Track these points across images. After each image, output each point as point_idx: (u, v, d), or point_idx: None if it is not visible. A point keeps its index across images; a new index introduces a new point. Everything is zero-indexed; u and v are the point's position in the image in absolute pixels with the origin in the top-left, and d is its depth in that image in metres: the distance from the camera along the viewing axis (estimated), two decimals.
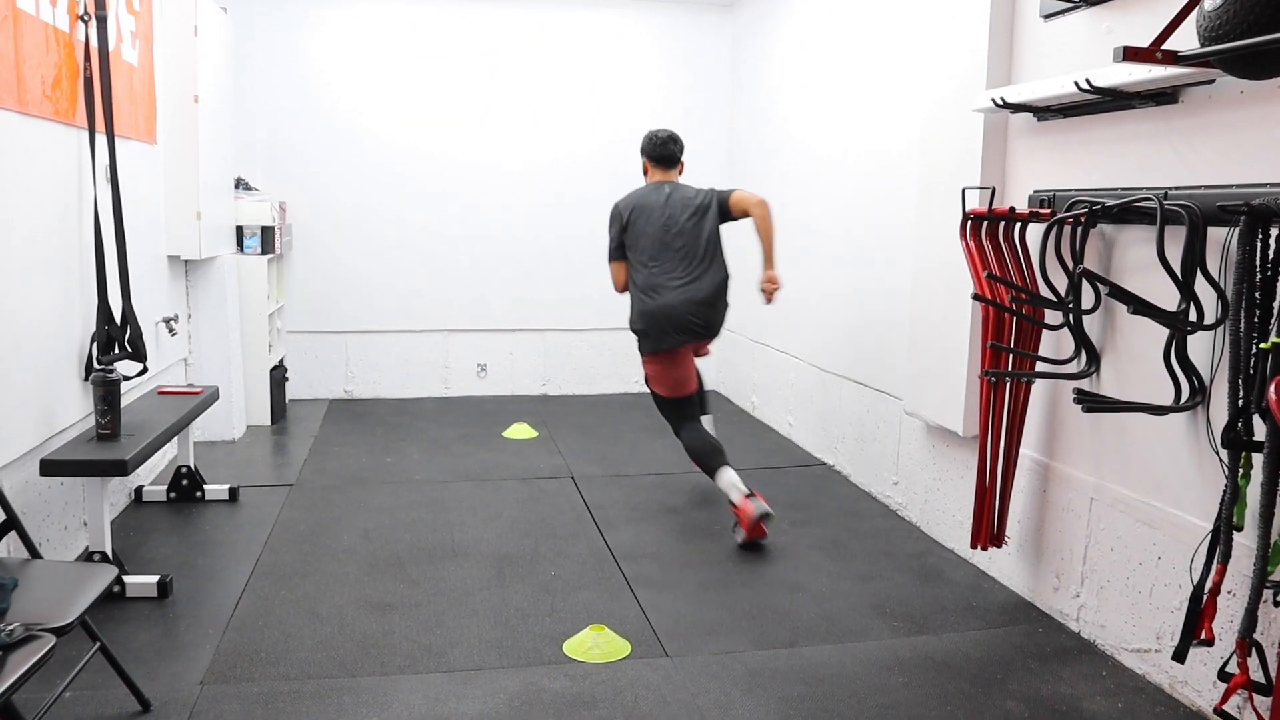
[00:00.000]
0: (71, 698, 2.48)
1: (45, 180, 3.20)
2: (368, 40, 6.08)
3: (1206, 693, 2.54)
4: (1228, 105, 2.44)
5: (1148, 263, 2.63)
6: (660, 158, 4.23)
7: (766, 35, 5.84)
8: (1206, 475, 2.53)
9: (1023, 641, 2.99)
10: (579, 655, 2.83)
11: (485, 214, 6.35)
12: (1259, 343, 2.19)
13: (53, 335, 3.26)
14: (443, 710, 2.51)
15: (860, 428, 4.57)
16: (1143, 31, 2.59)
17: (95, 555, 3.08)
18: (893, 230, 4.20)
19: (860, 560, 3.63)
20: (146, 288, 4.11)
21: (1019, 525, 3.32)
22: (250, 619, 3.02)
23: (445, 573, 3.43)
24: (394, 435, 5.40)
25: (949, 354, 3.55)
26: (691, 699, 2.60)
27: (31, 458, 3.06)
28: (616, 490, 4.45)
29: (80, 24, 3.36)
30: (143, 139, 4.16)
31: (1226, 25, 2.03)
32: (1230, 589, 2.41)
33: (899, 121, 4.15)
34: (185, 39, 4.46)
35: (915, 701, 2.61)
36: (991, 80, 3.29)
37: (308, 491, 4.34)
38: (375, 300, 6.26)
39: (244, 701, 2.52)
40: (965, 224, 3.20)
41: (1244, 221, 2.20)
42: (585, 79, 6.37)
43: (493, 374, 6.51)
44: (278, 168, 6.00)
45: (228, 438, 5.12)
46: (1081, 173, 2.99)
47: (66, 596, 2.15)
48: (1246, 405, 2.23)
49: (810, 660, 2.84)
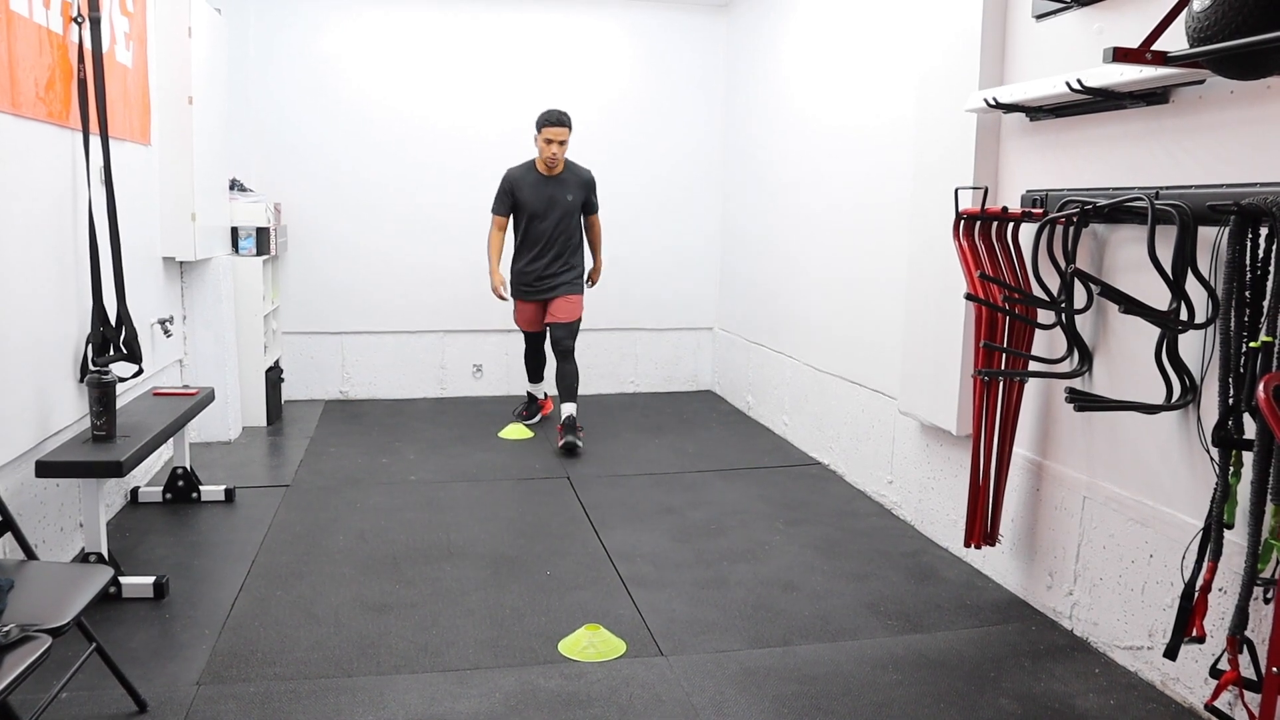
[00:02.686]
0: (68, 698, 2.48)
1: (39, 182, 3.20)
2: (365, 41, 6.08)
3: (1198, 689, 2.55)
4: (1218, 105, 2.46)
5: (1139, 262, 2.65)
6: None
7: (760, 36, 5.85)
8: (1198, 473, 2.55)
9: (1016, 639, 3.00)
10: (574, 654, 2.84)
11: (481, 215, 6.31)
12: (1249, 341, 2.21)
13: (48, 337, 3.26)
14: (438, 709, 2.52)
15: (855, 427, 4.58)
16: (1133, 32, 2.61)
17: (91, 556, 3.09)
18: (886, 230, 4.22)
19: (855, 559, 3.65)
20: (141, 289, 4.11)
21: (1012, 524, 3.33)
22: (246, 619, 3.02)
23: (441, 573, 3.44)
24: (390, 436, 5.40)
25: (942, 353, 3.56)
26: (686, 697, 2.61)
27: (27, 459, 3.06)
28: (612, 490, 4.45)
29: (74, 26, 3.36)
30: (137, 140, 4.16)
31: (1215, 26, 2.04)
32: (1221, 586, 2.43)
33: (892, 122, 4.16)
34: (179, 40, 4.46)
35: (909, 699, 2.62)
36: (984, 80, 3.31)
37: (304, 492, 4.35)
38: (371, 301, 6.26)
39: (240, 702, 2.53)
40: (958, 224, 3.21)
41: (1234, 221, 2.22)
42: (582, 81, 6.36)
43: (488, 374, 6.51)
44: (273, 169, 6.00)
45: (223, 439, 5.12)
46: (1074, 172, 3.00)
47: (62, 597, 2.15)
48: (1237, 404, 2.24)
49: (805, 659, 2.85)
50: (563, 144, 5.08)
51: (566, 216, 5.24)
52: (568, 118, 5.10)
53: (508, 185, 5.24)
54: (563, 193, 5.21)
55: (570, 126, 5.09)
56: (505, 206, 5.27)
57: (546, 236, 5.22)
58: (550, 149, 5.06)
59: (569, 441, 5.00)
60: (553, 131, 5.05)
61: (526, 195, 5.19)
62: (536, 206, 5.19)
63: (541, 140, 5.08)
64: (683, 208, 6.62)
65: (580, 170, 5.32)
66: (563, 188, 5.22)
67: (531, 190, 5.19)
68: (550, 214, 5.21)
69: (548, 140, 5.06)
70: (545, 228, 5.22)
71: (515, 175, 5.25)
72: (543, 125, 5.07)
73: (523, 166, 5.26)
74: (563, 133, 5.06)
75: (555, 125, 5.05)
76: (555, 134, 5.05)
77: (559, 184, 5.21)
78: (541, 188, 5.19)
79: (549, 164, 5.12)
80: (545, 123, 5.06)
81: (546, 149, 5.07)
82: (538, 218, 5.21)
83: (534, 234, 5.25)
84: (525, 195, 5.20)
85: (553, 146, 5.06)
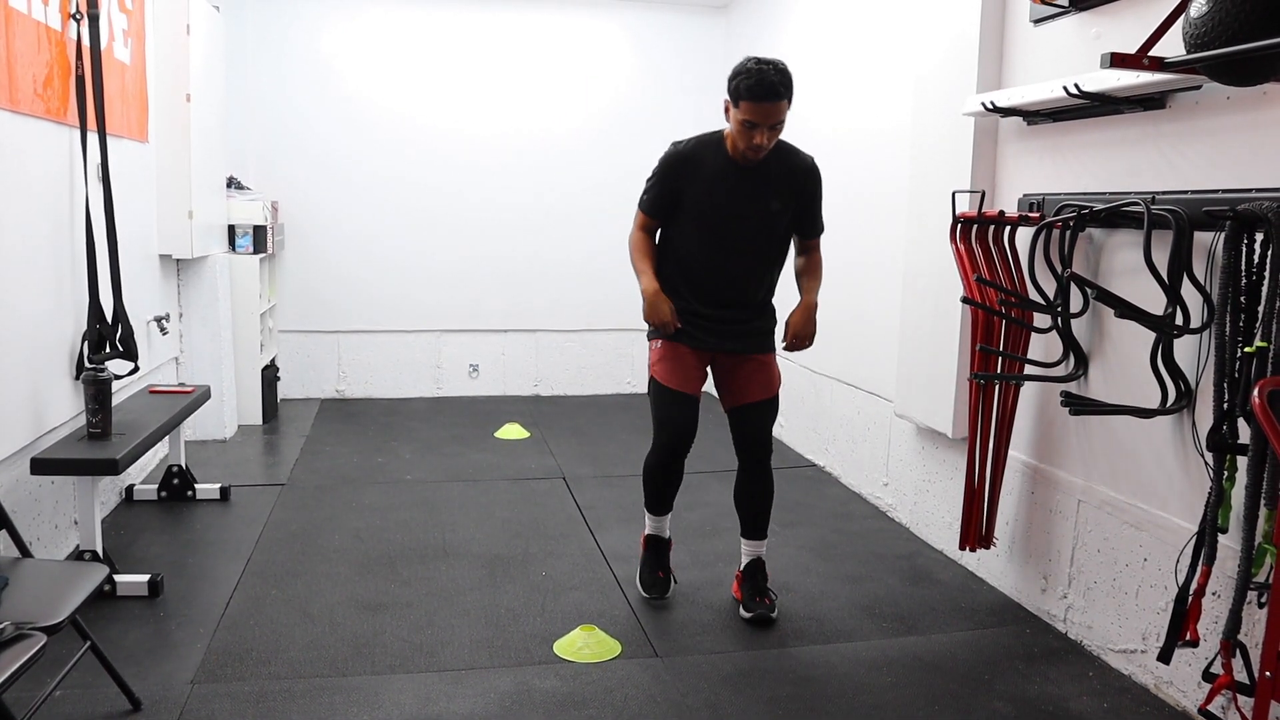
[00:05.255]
0: (62, 696, 2.48)
1: (36, 179, 3.20)
2: (362, 41, 6.08)
3: (1191, 693, 2.56)
4: (1214, 111, 2.47)
5: (1135, 267, 2.65)
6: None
7: (759, 38, 5.85)
8: (1192, 478, 2.56)
9: (1010, 642, 3.01)
10: (569, 655, 2.84)
11: (478, 215, 6.35)
12: (1244, 346, 2.21)
13: (44, 334, 3.26)
14: (433, 710, 2.52)
15: (851, 429, 4.59)
16: (1131, 37, 2.61)
17: (86, 554, 3.08)
18: (883, 233, 4.22)
19: (850, 561, 3.65)
20: (138, 286, 4.10)
21: (1007, 527, 3.34)
22: (241, 618, 3.02)
23: (436, 573, 3.44)
24: (386, 435, 5.40)
25: (939, 357, 3.57)
26: (681, 699, 2.61)
27: (22, 456, 3.05)
28: (608, 491, 4.45)
29: (72, 22, 3.35)
30: (135, 137, 4.15)
31: (1212, 32, 2.05)
32: (1215, 590, 2.43)
33: (890, 125, 4.16)
34: (177, 37, 4.46)
35: (903, 702, 2.63)
36: (982, 84, 3.31)
37: (299, 491, 4.34)
38: (367, 300, 6.26)
39: (234, 700, 2.53)
40: (955, 227, 3.22)
41: (1229, 226, 2.22)
42: (580, 82, 6.37)
43: (485, 374, 6.51)
44: (270, 167, 5.99)
45: (219, 437, 5.11)
46: (1071, 177, 3.01)
47: (57, 595, 2.14)
48: (1231, 408, 2.25)
49: (799, 660, 2.85)
50: (775, 129, 2.87)
51: (764, 232, 3.06)
52: (788, 82, 2.83)
53: (673, 168, 3.03)
54: (765, 193, 3.01)
55: (791, 98, 2.85)
56: (662, 204, 3.06)
57: (726, 262, 3.05)
58: (755, 137, 2.85)
59: (760, 613, 3.09)
60: (762, 110, 2.80)
61: (703, 190, 3.00)
62: (717, 211, 3.01)
63: (740, 119, 2.84)
64: None
65: (797, 158, 3.06)
66: (765, 185, 3.00)
67: (712, 183, 2.99)
68: (739, 227, 3.02)
69: (750, 123, 2.83)
70: (727, 246, 3.03)
71: (688, 154, 3.02)
72: (743, 95, 2.80)
73: (701, 141, 3.03)
74: (779, 110, 2.83)
75: (765, 100, 2.79)
76: (767, 113, 2.81)
77: (760, 179, 2.99)
78: (730, 181, 2.98)
79: (749, 154, 2.91)
80: (749, 94, 2.79)
81: (747, 136, 2.86)
82: (715, 229, 3.02)
83: (703, 254, 3.05)
84: (701, 190, 3.00)
85: (759, 134, 2.84)
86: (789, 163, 3.03)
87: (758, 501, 3.20)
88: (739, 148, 2.91)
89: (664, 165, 3.04)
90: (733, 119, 2.88)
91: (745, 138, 2.86)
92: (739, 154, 2.93)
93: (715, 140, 3.01)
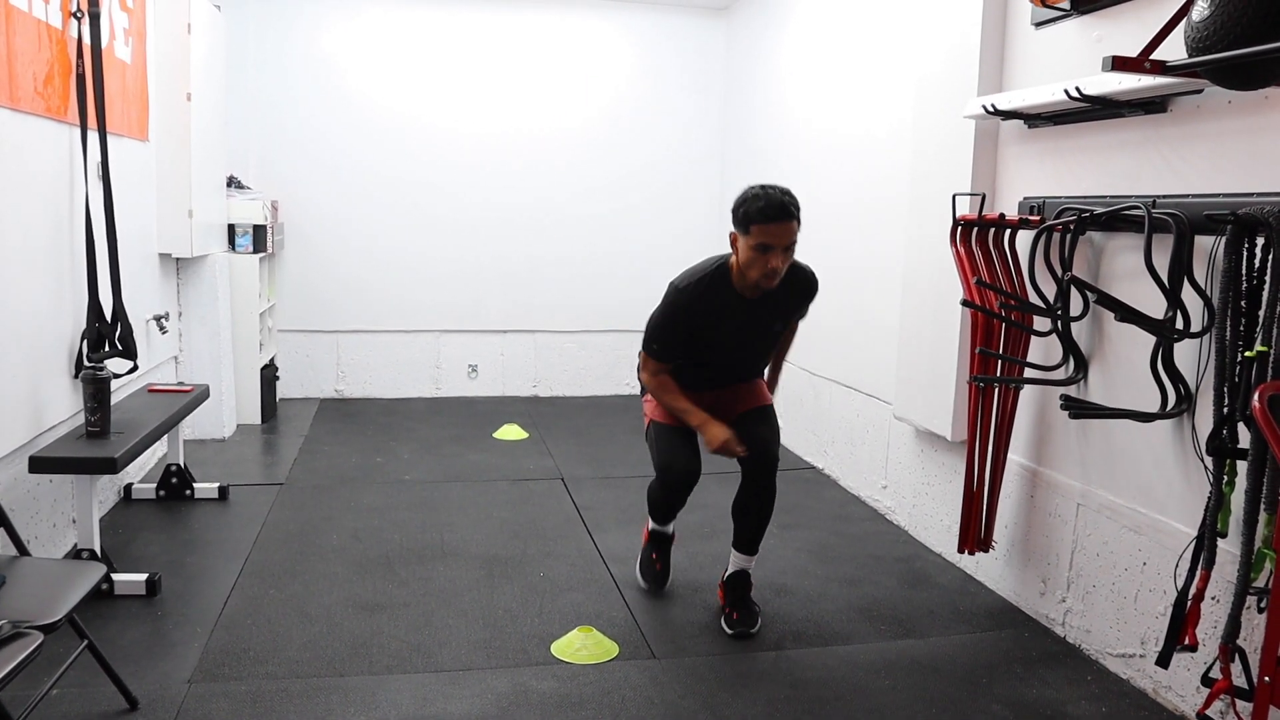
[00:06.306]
0: (59, 695, 2.47)
1: (36, 177, 3.19)
2: (363, 41, 6.08)
3: (1190, 698, 2.56)
4: (1216, 115, 2.46)
5: (1135, 270, 2.65)
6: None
7: (759, 40, 5.86)
8: (1192, 482, 2.55)
9: (1009, 646, 3.00)
10: (567, 656, 2.83)
11: (477, 215, 6.35)
12: (1244, 351, 2.21)
13: (43, 332, 3.25)
14: (430, 710, 2.52)
15: (850, 432, 4.59)
16: (1132, 40, 2.61)
17: (84, 553, 3.08)
18: (883, 235, 4.22)
19: (848, 564, 3.65)
20: (137, 285, 4.10)
21: (1006, 530, 3.33)
22: (239, 618, 3.02)
23: (434, 573, 3.44)
24: (384, 435, 5.39)
25: (938, 359, 3.57)
26: (678, 700, 2.61)
27: (20, 454, 3.05)
28: (606, 492, 4.45)
29: (73, 21, 3.35)
30: (135, 136, 4.15)
31: (1214, 36, 2.05)
32: (1214, 595, 2.43)
33: (891, 127, 4.16)
34: (178, 36, 4.46)
35: (901, 704, 2.62)
36: (983, 87, 3.31)
37: (297, 491, 4.34)
38: (367, 300, 6.25)
39: (231, 700, 2.52)
40: (955, 230, 3.22)
41: (1230, 231, 2.22)
42: (580, 82, 6.38)
43: (484, 375, 6.51)
44: (270, 166, 5.99)
45: (218, 436, 5.11)
46: (1071, 180, 3.01)
47: (54, 594, 2.14)
48: (1231, 413, 2.25)
49: (797, 663, 2.85)
50: (789, 250, 2.80)
51: (765, 341, 3.14)
52: (796, 202, 2.80)
53: (681, 317, 2.95)
54: (771, 318, 3.04)
55: (800, 219, 2.79)
56: (673, 354, 3.01)
57: (727, 365, 3.15)
58: (771, 260, 2.78)
59: (740, 630, 3.03)
60: (774, 232, 2.75)
61: (711, 330, 2.97)
62: (724, 344, 3.04)
63: (752, 245, 2.78)
64: (679, 211, 6.62)
65: (797, 274, 2.98)
66: (771, 310, 3.00)
67: (721, 322, 2.97)
68: (743, 346, 3.10)
69: (763, 246, 2.76)
70: (731, 360, 3.13)
71: (693, 299, 2.93)
72: (754, 219, 2.76)
73: (704, 281, 2.93)
74: (791, 230, 2.77)
75: (777, 220, 2.75)
76: (779, 234, 2.75)
77: (767, 307, 2.98)
78: (739, 317, 2.97)
79: (763, 282, 2.83)
80: (760, 216, 2.75)
81: (761, 261, 2.78)
82: (720, 354, 3.08)
83: (706, 366, 3.10)
84: (709, 330, 2.97)
85: (773, 258, 2.78)
86: (792, 282, 2.95)
87: (755, 517, 3.12)
88: (751, 278, 2.83)
89: (670, 314, 2.96)
90: (743, 247, 2.81)
91: (759, 264, 2.78)
92: (749, 284, 2.86)
93: (717, 274, 2.93)
